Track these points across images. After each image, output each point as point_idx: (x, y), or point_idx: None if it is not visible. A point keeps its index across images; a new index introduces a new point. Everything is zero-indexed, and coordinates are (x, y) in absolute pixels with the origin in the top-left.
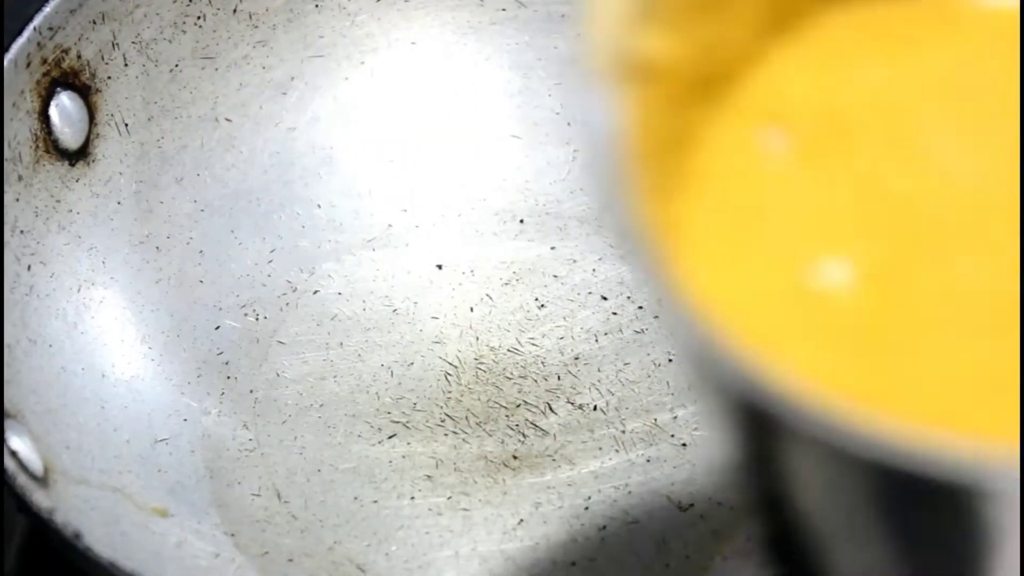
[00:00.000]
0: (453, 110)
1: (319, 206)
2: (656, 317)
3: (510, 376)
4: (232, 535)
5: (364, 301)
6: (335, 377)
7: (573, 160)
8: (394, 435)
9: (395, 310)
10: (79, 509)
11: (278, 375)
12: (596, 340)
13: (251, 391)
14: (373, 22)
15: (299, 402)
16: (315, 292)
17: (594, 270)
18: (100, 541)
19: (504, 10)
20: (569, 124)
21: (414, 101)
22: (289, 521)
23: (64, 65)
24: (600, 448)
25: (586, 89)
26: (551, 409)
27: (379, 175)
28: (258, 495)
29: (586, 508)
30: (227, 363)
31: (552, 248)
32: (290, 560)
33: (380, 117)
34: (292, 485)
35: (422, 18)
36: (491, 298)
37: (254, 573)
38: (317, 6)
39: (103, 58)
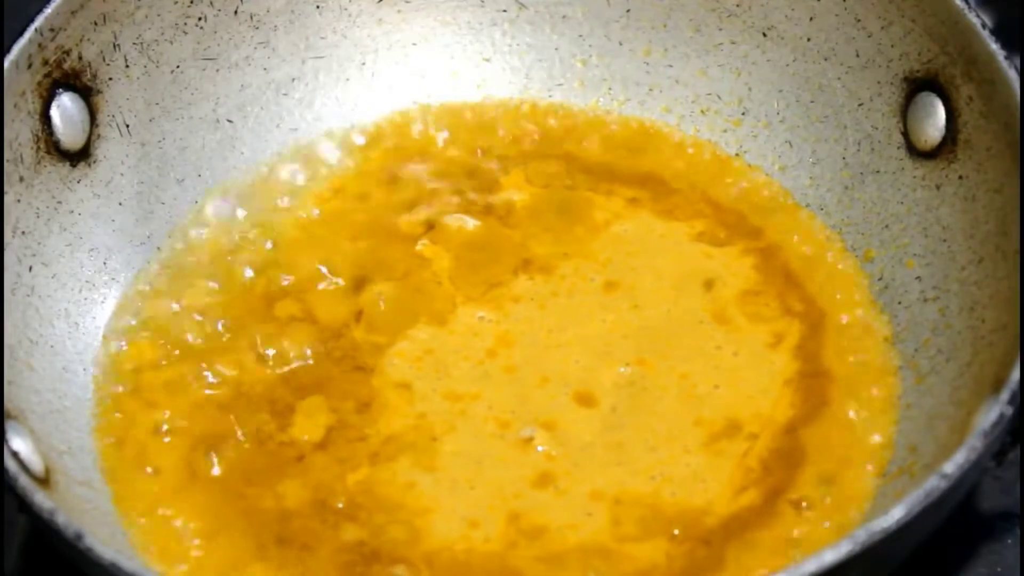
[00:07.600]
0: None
1: None
2: None
3: None
4: None
5: None
6: None
7: None
8: None
9: None
10: (80, 510)
11: None
12: None
13: None
14: (374, 23)
15: None
16: None
17: None
18: (101, 542)
19: (505, 11)
20: None
21: (414, 102)
22: None
23: (65, 66)
24: None
25: None
26: None
27: None
28: None
29: None
30: None
31: None
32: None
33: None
34: None
35: (423, 19)
36: None
37: None
38: (318, 7)
39: (104, 59)
